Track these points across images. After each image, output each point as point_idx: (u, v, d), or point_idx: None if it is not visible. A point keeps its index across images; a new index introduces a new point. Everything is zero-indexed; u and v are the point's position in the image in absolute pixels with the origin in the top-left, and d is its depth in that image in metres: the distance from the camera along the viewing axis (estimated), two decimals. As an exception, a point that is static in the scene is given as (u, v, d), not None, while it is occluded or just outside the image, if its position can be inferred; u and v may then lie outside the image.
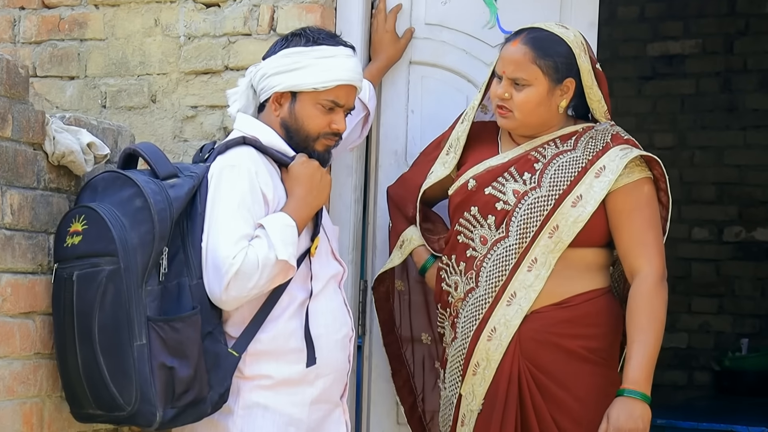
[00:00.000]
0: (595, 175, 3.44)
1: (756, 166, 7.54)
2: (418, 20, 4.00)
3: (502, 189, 3.50)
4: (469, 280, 3.52)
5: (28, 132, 3.14)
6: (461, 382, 3.53)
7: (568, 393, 3.44)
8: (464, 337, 3.52)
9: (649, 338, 3.39)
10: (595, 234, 3.46)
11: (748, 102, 7.58)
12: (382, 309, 3.88)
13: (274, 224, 3.21)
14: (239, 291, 3.16)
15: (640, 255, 3.44)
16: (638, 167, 3.48)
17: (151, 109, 4.06)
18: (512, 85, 3.47)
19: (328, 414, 3.37)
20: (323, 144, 3.39)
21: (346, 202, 3.94)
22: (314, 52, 3.35)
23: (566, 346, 3.44)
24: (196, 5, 4.02)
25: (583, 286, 3.48)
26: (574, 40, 3.49)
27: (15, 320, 3.12)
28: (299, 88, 3.34)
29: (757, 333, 7.47)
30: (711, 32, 7.64)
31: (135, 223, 3.09)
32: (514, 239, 3.46)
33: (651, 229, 3.46)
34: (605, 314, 3.48)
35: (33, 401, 3.18)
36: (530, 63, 3.45)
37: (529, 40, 3.47)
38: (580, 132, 3.53)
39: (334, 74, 3.34)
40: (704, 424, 5.33)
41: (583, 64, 3.48)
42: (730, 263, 7.59)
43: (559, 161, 3.48)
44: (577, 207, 3.43)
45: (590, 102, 3.55)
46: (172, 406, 3.10)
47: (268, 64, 3.38)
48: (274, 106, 3.38)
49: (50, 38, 4.20)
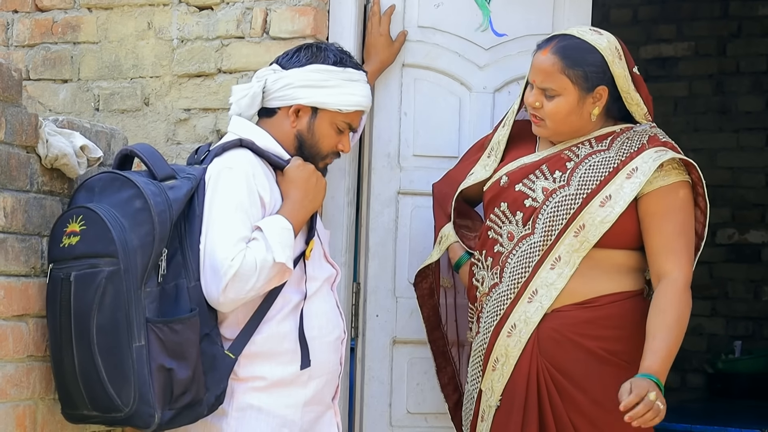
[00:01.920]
0: (627, 176, 3.40)
1: (749, 169, 7.55)
2: (411, 23, 4.01)
3: (532, 186, 3.49)
4: (494, 275, 3.51)
5: (21, 135, 3.14)
6: (482, 377, 3.52)
7: (585, 394, 3.41)
8: (486, 332, 3.51)
9: (671, 337, 3.30)
10: (624, 236, 3.42)
11: (740, 104, 7.59)
12: (425, 305, 3.85)
13: (272, 227, 3.21)
14: (237, 293, 3.16)
15: (669, 259, 3.38)
16: (675, 170, 3.43)
17: (144, 112, 4.07)
18: (542, 95, 3.46)
19: (320, 416, 3.37)
20: (325, 162, 3.44)
21: (338, 205, 3.94)
22: (343, 73, 3.38)
23: (586, 345, 3.41)
24: (189, 8, 4.03)
25: (609, 287, 3.44)
26: (607, 47, 3.45)
27: (8, 323, 3.11)
28: (325, 106, 3.37)
29: (750, 335, 7.47)
30: (704, 35, 7.65)
31: (135, 224, 3.08)
32: (539, 236, 3.44)
33: (683, 235, 3.41)
34: (630, 317, 3.42)
35: (26, 404, 3.18)
36: (559, 73, 3.42)
37: (558, 49, 3.44)
38: (617, 132, 3.50)
39: (357, 99, 3.39)
40: (697, 427, 5.32)
41: (617, 70, 3.45)
42: (723, 265, 7.60)
43: (591, 161, 3.45)
44: (605, 207, 3.39)
45: (629, 106, 3.52)
46: (170, 407, 3.10)
47: (295, 76, 3.38)
48: (292, 118, 3.39)
49: (43, 41, 4.20)
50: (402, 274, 4.01)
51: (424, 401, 4.02)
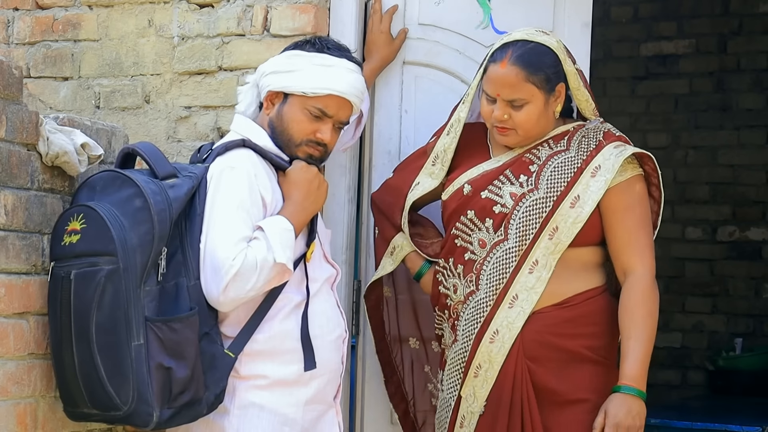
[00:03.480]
0: (591, 175, 3.45)
1: (749, 166, 7.55)
2: (412, 20, 4.00)
3: (499, 192, 3.50)
4: (469, 282, 3.51)
5: (21, 133, 3.14)
6: (461, 384, 3.52)
7: (569, 394, 3.43)
8: (466, 340, 3.51)
9: (645, 336, 3.40)
10: (591, 233, 3.46)
11: (741, 102, 7.59)
12: (373, 317, 3.87)
13: (273, 227, 3.21)
14: (237, 292, 3.16)
15: (633, 254, 3.45)
16: (630, 165, 3.48)
17: (144, 109, 4.07)
18: (509, 106, 3.45)
19: (321, 415, 3.37)
20: (304, 151, 3.38)
21: (339, 202, 3.94)
22: (314, 58, 3.36)
23: (567, 346, 3.44)
24: (190, 6, 4.03)
25: (582, 285, 3.48)
26: (558, 46, 3.47)
27: (9, 321, 3.12)
28: (289, 89, 3.35)
29: (751, 332, 7.47)
30: (704, 32, 7.64)
31: (134, 223, 3.08)
32: (513, 242, 3.46)
33: (642, 228, 3.47)
34: (604, 312, 3.48)
35: (27, 402, 3.18)
36: (524, 82, 3.42)
37: (517, 59, 3.42)
38: (571, 131, 3.53)
39: (326, 83, 3.34)
40: (698, 424, 5.32)
41: (568, 68, 3.48)
42: (723, 263, 7.60)
43: (554, 162, 3.48)
44: (575, 207, 3.43)
45: (578, 102, 3.55)
46: (168, 406, 3.10)
47: (269, 63, 3.41)
48: (266, 104, 3.40)
49: (44, 39, 4.20)
50: (403, 272, 4.00)
51: (425, 399, 4.02)
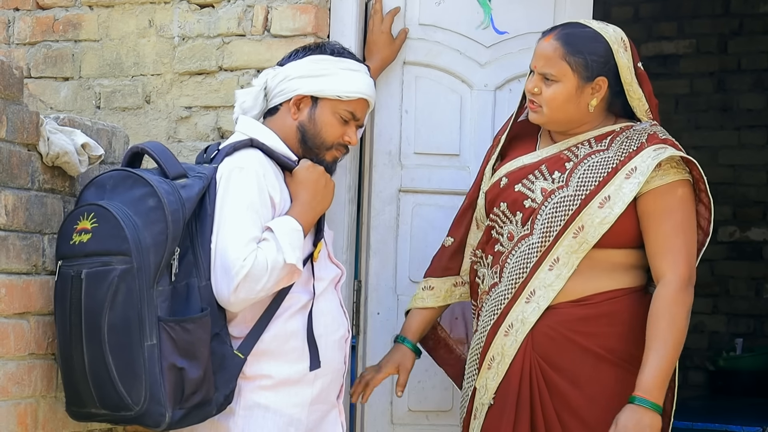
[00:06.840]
0: (626, 176, 3.38)
1: (750, 166, 7.55)
2: (412, 21, 4.01)
3: (531, 187, 3.48)
4: (494, 274, 3.51)
5: (22, 133, 3.14)
6: (477, 374, 3.52)
7: (579, 391, 3.40)
8: (483, 331, 3.51)
9: (667, 346, 3.32)
10: (623, 236, 3.40)
11: (742, 102, 7.59)
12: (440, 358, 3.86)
13: (282, 228, 3.21)
14: (247, 293, 3.16)
15: (665, 260, 3.37)
16: (674, 169, 3.41)
17: (145, 109, 4.07)
18: (542, 80, 3.44)
19: (325, 415, 3.38)
20: (333, 155, 3.42)
21: (340, 202, 3.94)
22: (341, 63, 3.38)
23: (581, 343, 3.40)
24: (190, 6, 4.03)
25: (606, 285, 3.42)
26: (613, 36, 3.43)
27: (9, 321, 3.11)
28: (323, 93, 3.36)
29: (752, 333, 7.48)
30: (705, 32, 7.65)
31: (148, 222, 3.07)
32: (537, 237, 3.43)
33: (681, 234, 3.39)
34: (627, 314, 3.41)
35: (27, 402, 3.18)
36: (559, 59, 3.41)
37: (561, 36, 3.43)
38: (617, 132, 3.48)
39: (357, 87, 3.37)
40: (699, 424, 5.33)
41: (622, 61, 3.42)
42: (724, 263, 7.60)
43: (590, 161, 3.44)
44: (604, 208, 3.37)
45: (630, 100, 3.50)
46: (180, 407, 3.09)
47: (292, 68, 3.39)
48: (293, 110, 3.38)
49: (44, 39, 4.20)
50: (403, 271, 4.01)
51: (426, 399, 4.02)
